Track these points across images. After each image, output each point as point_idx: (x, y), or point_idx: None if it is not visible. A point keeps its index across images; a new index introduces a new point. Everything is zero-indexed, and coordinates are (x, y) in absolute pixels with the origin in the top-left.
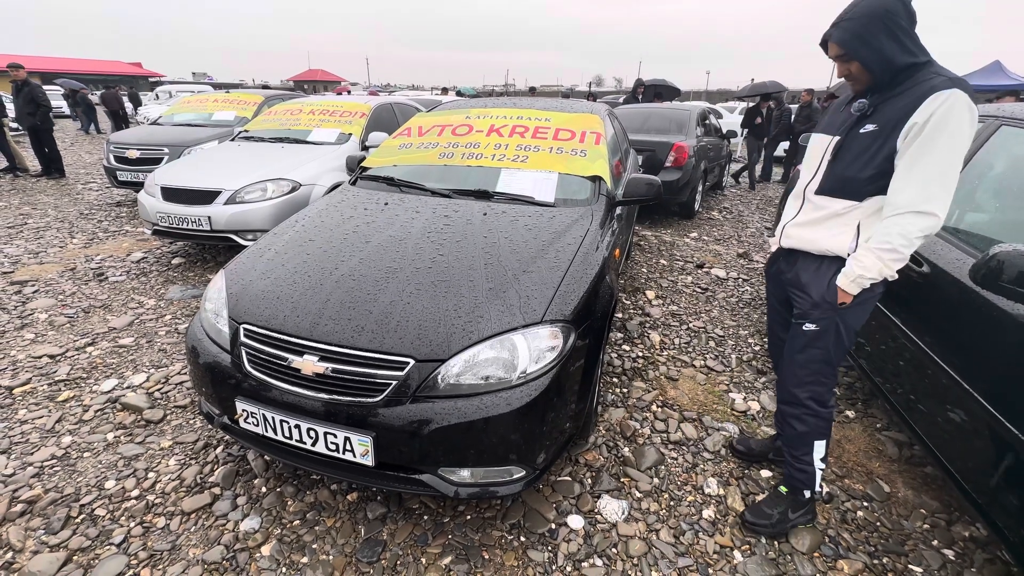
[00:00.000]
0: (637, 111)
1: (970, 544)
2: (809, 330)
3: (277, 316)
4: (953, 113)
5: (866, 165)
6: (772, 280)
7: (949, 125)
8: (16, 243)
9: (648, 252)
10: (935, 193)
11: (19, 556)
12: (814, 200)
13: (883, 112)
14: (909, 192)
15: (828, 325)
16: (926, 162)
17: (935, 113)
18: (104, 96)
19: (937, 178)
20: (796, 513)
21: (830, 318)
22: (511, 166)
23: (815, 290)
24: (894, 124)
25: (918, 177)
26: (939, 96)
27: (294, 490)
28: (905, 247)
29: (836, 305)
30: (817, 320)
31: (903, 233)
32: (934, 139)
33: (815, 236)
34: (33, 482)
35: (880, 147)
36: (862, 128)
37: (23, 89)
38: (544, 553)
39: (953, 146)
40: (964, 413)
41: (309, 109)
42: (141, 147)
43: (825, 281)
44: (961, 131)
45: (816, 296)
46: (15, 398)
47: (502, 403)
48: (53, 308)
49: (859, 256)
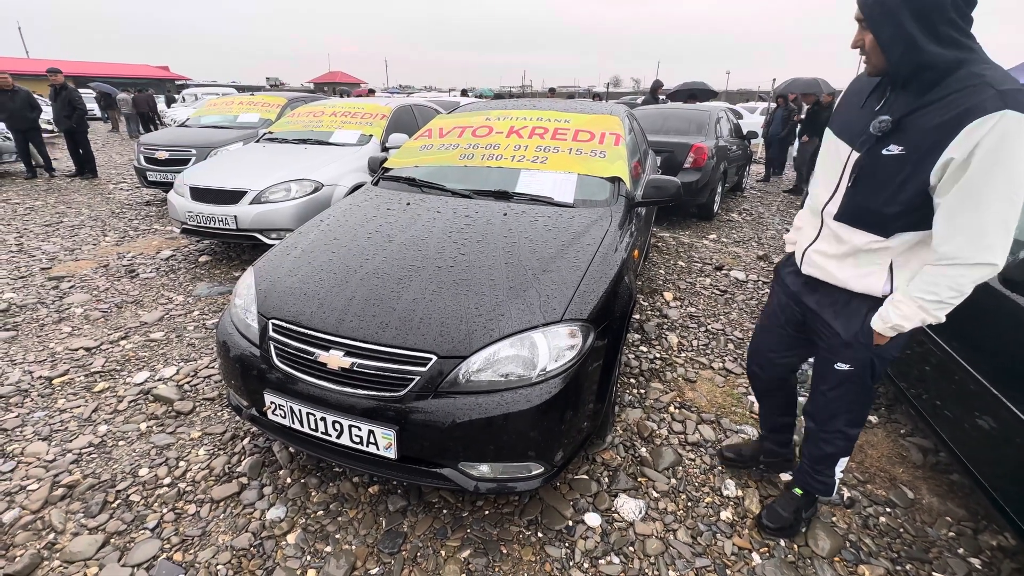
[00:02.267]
0: (656, 112)
1: (998, 553)
2: (842, 370)
3: (304, 312)
4: (1007, 144)
5: (892, 199)
6: (784, 288)
7: (1003, 160)
8: (53, 240)
9: (666, 253)
10: (993, 240)
11: (61, 537)
12: (833, 228)
13: (910, 131)
14: (959, 241)
15: (864, 364)
16: (981, 203)
17: (980, 145)
18: (136, 99)
19: (993, 223)
20: (808, 511)
21: (865, 356)
22: (531, 167)
23: (847, 329)
24: (925, 151)
25: (970, 226)
26: (985, 123)
27: (318, 481)
28: (955, 298)
29: (871, 346)
30: (851, 360)
31: (953, 286)
32: (985, 181)
33: (843, 276)
34: (72, 468)
35: (908, 177)
36: (885, 148)
37: (61, 93)
38: (561, 549)
39: (1011, 182)
40: (993, 419)
41: (331, 111)
42: (170, 148)
43: (858, 320)
44: (1020, 161)
45: (848, 336)
46: (54, 388)
47: (522, 400)
48: (88, 303)
49: (899, 303)
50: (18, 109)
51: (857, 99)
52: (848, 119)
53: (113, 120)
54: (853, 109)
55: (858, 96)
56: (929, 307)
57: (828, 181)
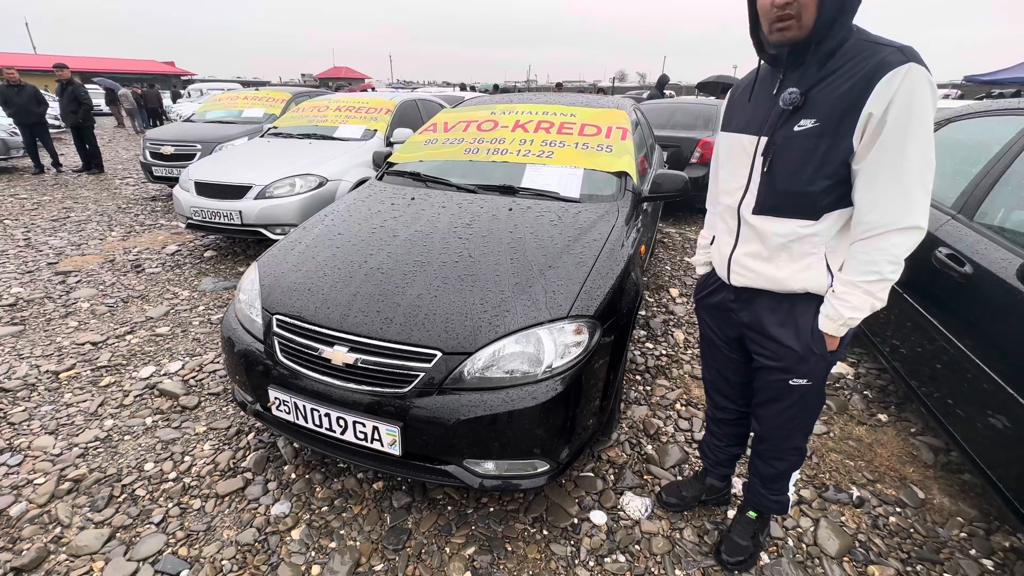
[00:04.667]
0: (663, 106)
1: (1011, 555)
2: (799, 385)
3: (308, 307)
4: (917, 95)
5: (816, 174)
6: (713, 315)
7: (915, 112)
8: (60, 235)
9: (672, 249)
10: (916, 200)
11: (67, 531)
12: (754, 223)
13: (820, 102)
14: (885, 205)
15: (820, 376)
16: (900, 166)
17: (894, 102)
18: (146, 94)
19: (917, 182)
20: (764, 533)
21: (820, 368)
22: (536, 162)
23: (796, 340)
24: (840, 117)
25: (893, 186)
26: (895, 75)
27: (322, 477)
28: (895, 272)
29: (826, 354)
30: (808, 374)
31: (891, 259)
32: (902, 135)
33: (781, 275)
34: (79, 462)
35: (829, 148)
36: (796, 124)
37: (67, 88)
38: (567, 547)
39: (925, 137)
40: (1007, 419)
41: (335, 106)
42: (175, 144)
43: (807, 328)
44: (929, 115)
45: (800, 348)
46: (61, 383)
47: (527, 397)
48: (94, 298)
49: (843, 295)
50: (25, 104)
51: (743, 97)
52: (742, 116)
53: (117, 115)
54: (743, 106)
55: (743, 94)
56: (874, 289)
57: (737, 178)
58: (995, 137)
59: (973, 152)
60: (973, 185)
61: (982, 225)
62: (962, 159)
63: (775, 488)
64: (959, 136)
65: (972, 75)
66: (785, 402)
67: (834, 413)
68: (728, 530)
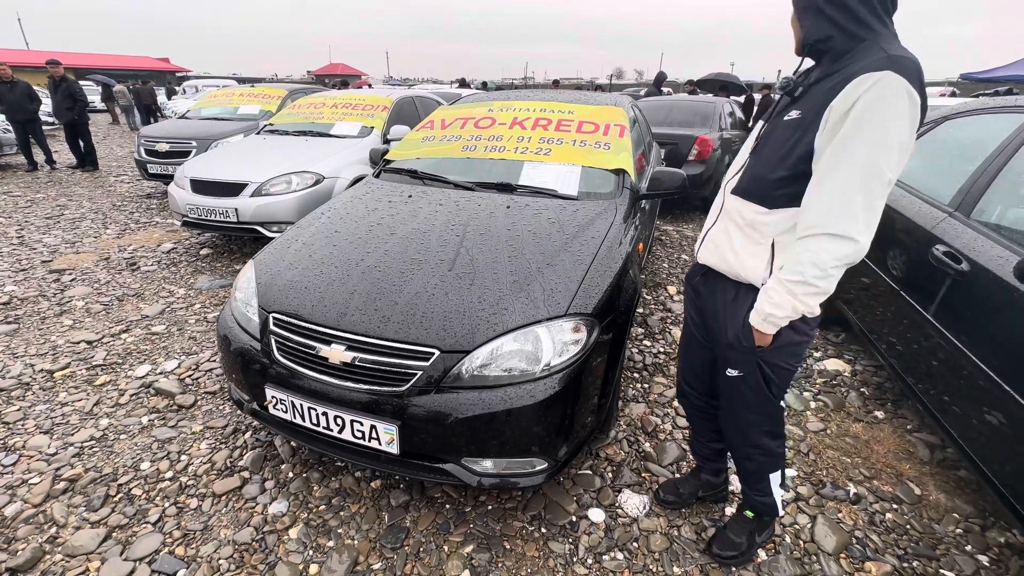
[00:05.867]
0: (660, 103)
1: (1006, 550)
2: (732, 376)
3: (305, 305)
4: (881, 102)
5: (779, 163)
6: (688, 296)
7: (874, 116)
8: (54, 233)
9: (670, 247)
10: (853, 210)
11: (63, 531)
12: (729, 203)
13: (810, 96)
14: (821, 208)
15: (750, 369)
16: (845, 167)
17: (857, 102)
18: (139, 91)
19: (857, 189)
20: (762, 536)
21: (751, 360)
22: (534, 159)
23: (729, 328)
24: (815, 112)
25: (834, 187)
26: (865, 80)
27: (320, 476)
28: (819, 279)
29: (753, 348)
30: (737, 364)
31: (815, 262)
32: (855, 136)
33: (730, 258)
34: (74, 461)
35: (798, 140)
36: (787, 114)
37: (60, 85)
38: (565, 545)
39: (880, 145)
40: (1003, 415)
41: (332, 103)
42: (170, 140)
43: (739, 318)
44: (891, 124)
45: (731, 336)
46: (56, 382)
47: (525, 395)
48: (89, 296)
49: (768, 290)
50: (18, 101)
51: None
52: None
53: (112, 112)
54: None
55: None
56: (796, 290)
57: (740, 160)
58: (991, 135)
59: (969, 150)
60: (970, 183)
61: (979, 223)
62: (959, 157)
63: (757, 489)
64: (955, 134)
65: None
66: (727, 394)
67: (831, 410)
68: (724, 526)
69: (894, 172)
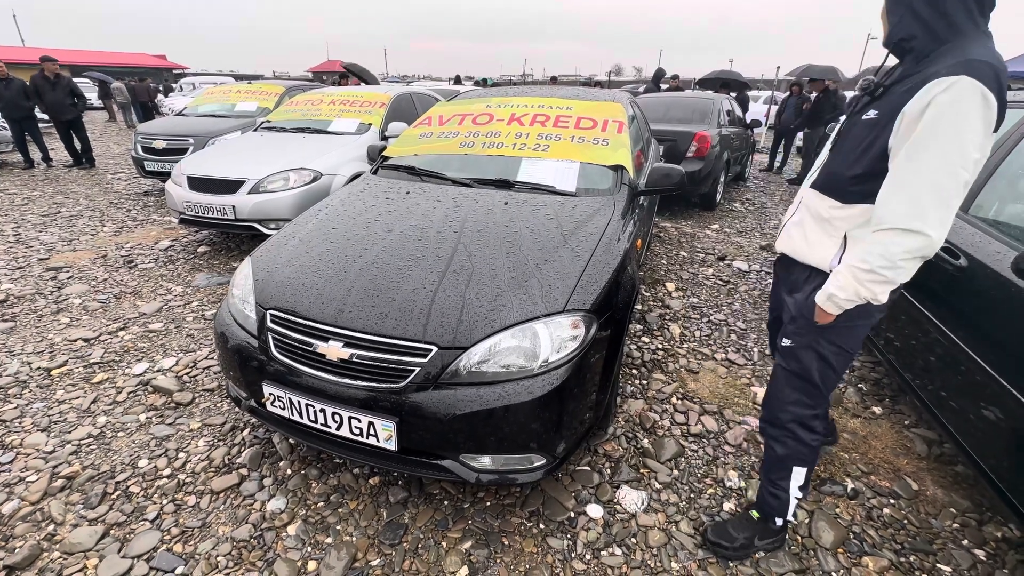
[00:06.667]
0: (659, 100)
1: (1002, 545)
2: (785, 345)
3: (302, 302)
4: (954, 106)
5: (855, 161)
6: (775, 279)
7: (949, 119)
8: (51, 231)
9: (668, 244)
10: (926, 207)
11: (60, 529)
12: (808, 197)
13: (887, 97)
14: (894, 204)
15: (804, 343)
16: (919, 167)
17: (931, 105)
18: (136, 88)
19: (930, 188)
20: (764, 540)
21: (806, 336)
22: (532, 155)
23: (795, 303)
24: (891, 112)
25: (907, 185)
26: (939, 84)
27: (318, 473)
28: (886, 269)
29: (812, 322)
30: (792, 336)
31: (883, 253)
32: (929, 138)
33: (803, 246)
34: (71, 459)
35: (874, 140)
36: (866, 114)
37: (58, 83)
38: (563, 541)
39: (954, 147)
40: (1000, 410)
41: (330, 99)
42: (167, 138)
43: (806, 293)
44: (966, 127)
45: (795, 309)
46: (53, 379)
47: (523, 391)
48: (86, 294)
49: (836, 273)
50: (13, 98)
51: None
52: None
53: (109, 110)
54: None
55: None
56: (862, 277)
57: (822, 155)
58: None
59: None
60: None
61: (977, 218)
62: None
63: (774, 480)
64: None
65: None
66: (777, 364)
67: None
68: (727, 519)
69: (970, 172)
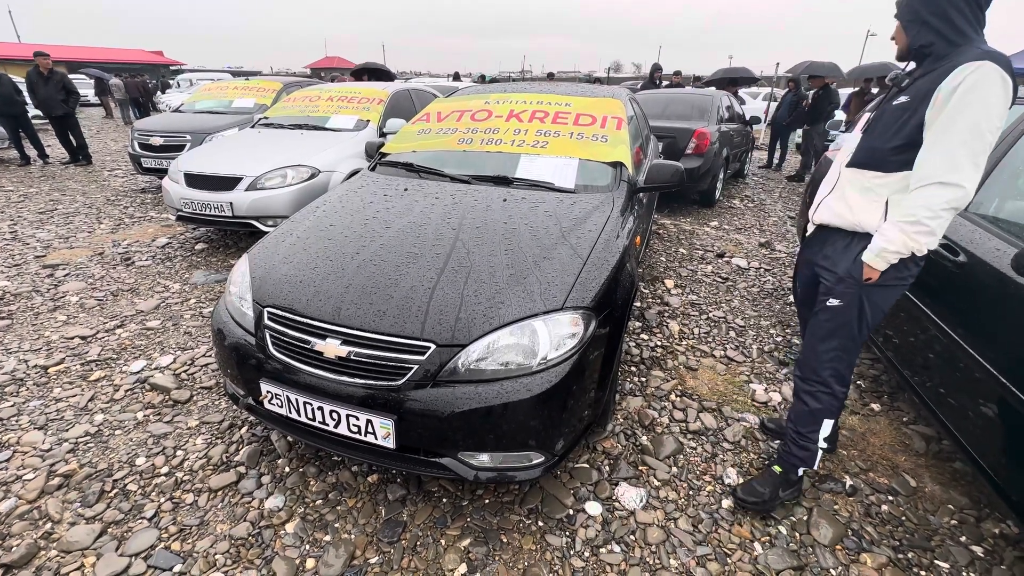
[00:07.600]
0: (658, 96)
1: (1000, 541)
2: (833, 305)
3: (300, 300)
4: (982, 83)
5: (894, 135)
6: (802, 257)
7: (977, 93)
8: (47, 228)
9: (667, 240)
10: (960, 163)
11: (58, 527)
12: (846, 175)
13: (917, 86)
14: (933, 162)
15: (852, 300)
16: (952, 131)
17: (963, 82)
18: (127, 84)
19: (962, 147)
20: (786, 492)
21: (854, 292)
22: (531, 152)
23: (841, 265)
24: (923, 95)
25: (943, 146)
26: (967, 67)
27: (316, 470)
28: (930, 219)
29: (861, 280)
30: (841, 295)
31: (927, 205)
32: (961, 108)
33: (843, 210)
34: (69, 457)
35: (909, 118)
36: (895, 100)
37: (51, 78)
38: (562, 538)
39: (982, 114)
40: (999, 407)
41: (327, 96)
42: (164, 134)
43: (852, 256)
44: (991, 99)
45: (842, 271)
46: (50, 377)
47: (522, 389)
48: (83, 291)
49: (884, 229)
50: (7, 94)
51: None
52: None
53: (106, 106)
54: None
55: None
56: (909, 229)
57: (852, 141)
58: None
59: None
60: None
61: (976, 215)
62: None
63: (803, 433)
64: None
65: None
66: (819, 318)
67: None
68: (752, 478)
69: (993, 135)
